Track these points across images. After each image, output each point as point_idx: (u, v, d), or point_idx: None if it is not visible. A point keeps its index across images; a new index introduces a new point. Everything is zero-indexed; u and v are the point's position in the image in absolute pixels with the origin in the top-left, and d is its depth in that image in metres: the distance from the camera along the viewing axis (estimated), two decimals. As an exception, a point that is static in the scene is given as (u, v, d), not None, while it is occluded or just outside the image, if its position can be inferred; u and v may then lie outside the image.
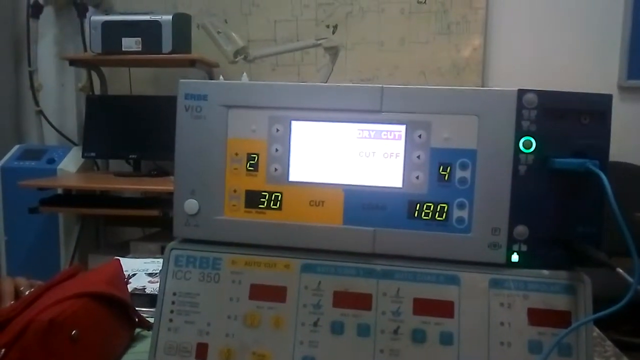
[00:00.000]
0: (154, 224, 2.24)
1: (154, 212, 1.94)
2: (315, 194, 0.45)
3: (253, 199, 0.46)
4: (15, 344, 0.43)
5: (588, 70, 2.19)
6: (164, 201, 1.97)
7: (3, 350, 0.42)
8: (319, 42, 1.98)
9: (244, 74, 2.04)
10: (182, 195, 0.47)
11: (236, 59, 2.00)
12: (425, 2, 2.32)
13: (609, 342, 0.64)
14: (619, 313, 0.39)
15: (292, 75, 2.38)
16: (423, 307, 0.44)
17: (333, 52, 1.99)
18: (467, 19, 2.27)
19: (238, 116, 0.46)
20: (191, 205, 0.46)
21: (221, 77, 2.14)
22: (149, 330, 0.59)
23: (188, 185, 0.47)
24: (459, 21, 2.28)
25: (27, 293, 0.57)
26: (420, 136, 0.44)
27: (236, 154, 0.46)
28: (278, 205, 0.46)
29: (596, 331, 0.67)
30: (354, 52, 2.33)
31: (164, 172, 2.19)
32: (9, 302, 0.56)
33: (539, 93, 0.42)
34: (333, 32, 2.36)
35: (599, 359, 0.59)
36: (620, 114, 2.16)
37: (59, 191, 2.14)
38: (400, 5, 2.32)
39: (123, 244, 2.25)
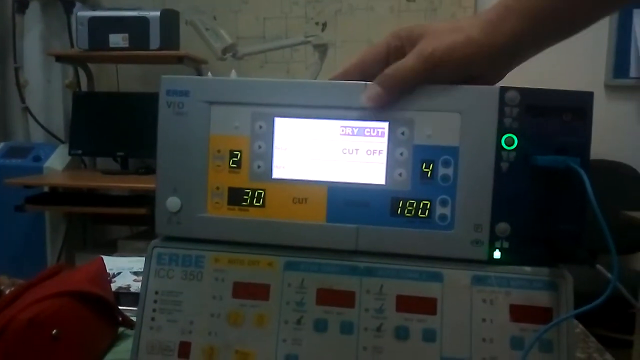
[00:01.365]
0: (141, 222, 2.23)
1: (142, 210, 1.93)
2: (298, 191, 0.45)
3: (236, 196, 0.46)
4: (-6, 343, 0.42)
5: (575, 69, 2.21)
6: (151, 199, 1.95)
7: (-19, 349, 0.42)
8: (308, 39, 1.98)
9: (233, 71, 2.03)
10: (164, 192, 0.46)
11: (225, 56, 1.99)
12: (414, 1, 2.32)
13: (592, 339, 0.65)
14: (604, 309, 0.39)
15: (282, 72, 2.38)
16: (406, 304, 0.44)
17: (322, 49, 1.99)
18: (456, 17, 2.28)
19: (220, 112, 0.46)
20: (173, 202, 0.46)
21: (209, 74, 2.13)
22: (132, 329, 0.58)
23: (170, 183, 0.46)
24: (448, 20, 2.28)
25: (7, 292, 0.56)
26: (403, 133, 0.44)
27: (219, 151, 0.46)
28: (261, 202, 0.46)
29: (580, 327, 0.67)
30: (343, 49, 2.33)
31: (152, 170, 2.17)
32: (-11, 301, 0.55)
33: (521, 90, 0.43)
34: (322, 30, 2.35)
35: (581, 355, 0.60)
36: (607, 112, 2.19)
37: (46, 189, 2.12)
38: (389, 4, 2.33)
39: (110, 243, 2.24)
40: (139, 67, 2.45)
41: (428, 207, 0.44)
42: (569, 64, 2.15)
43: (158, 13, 2.12)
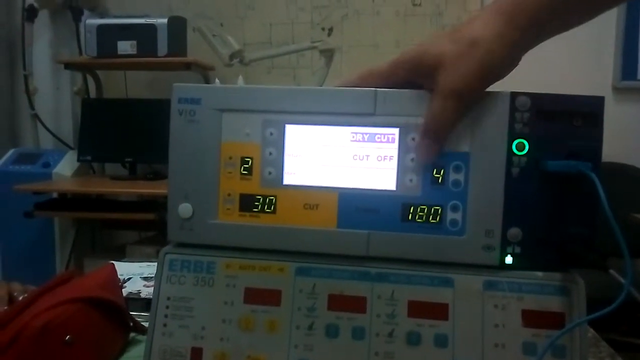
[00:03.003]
0: (150, 227, 2.24)
1: (150, 216, 1.93)
2: (309, 197, 0.45)
3: (247, 203, 0.46)
4: (9, 349, 0.43)
5: (582, 71, 2.20)
6: (160, 204, 1.97)
7: (-4, 356, 0.42)
8: (314, 44, 1.99)
9: (240, 77, 2.04)
10: (176, 199, 0.47)
11: (232, 62, 2.00)
12: (420, 5, 2.33)
13: (603, 343, 0.64)
14: (614, 313, 0.39)
15: (288, 78, 2.38)
16: (417, 309, 0.44)
17: (328, 54, 1.99)
18: (461, 21, 2.27)
19: (232, 120, 0.46)
20: (185, 209, 0.46)
21: (217, 80, 2.14)
22: (143, 335, 0.59)
23: (182, 189, 0.47)
24: (454, 23, 2.29)
25: (20, 298, 0.56)
26: (413, 139, 0.44)
27: (230, 158, 0.46)
28: (272, 208, 0.46)
29: (591, 332, 0.67)
30: (350, 54, 2.34)
31: (160, 175, 2.18)
32: (3, 308, 0.55)
33: (532, 95, 0.43)
34: (328, 35, 2.36)
35: (593, 360, 0.60)
36: (615, 115, 2.18)
37: (55, 195, 2.14)
38: (395, 8, 2.33)
39: (119, 248, 2.25)
40: (147, 74, 2.47)
41: (439, 212, 0.44)
42: (576, 66, 2.15)
43: (165, 20, 2.13)
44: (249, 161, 0.46)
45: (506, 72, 0.43)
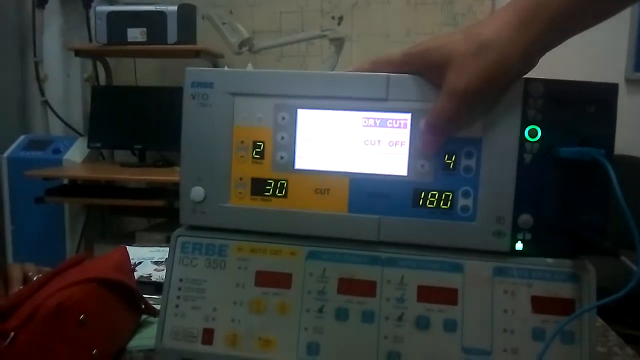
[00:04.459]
0: (159, 214, 2.25)
1: (159, 203, 1.95)
2: (320, 181, 0.46)
3: (259, 187, 0.47)
4: (24, 328, 0.44)
5: (595, 62, 2.17)
6: (169, 191, 1.98)
7: (12, 333, 0.43)
8: (324, 33, 1.97)
9: (249, 65, 2.04)
10: (188, 182, 0.47)
11: (241, 50, 2.00)
12: (431, -7, 2.30)
13: (612, 332, 0.64)
14: (624, 305, 0.39)
15: (297, 66, 2.38)
16: (427, 294, 0.44)
17: (338, 43, 1.98)
18: (473, 10, 2.26)
19: (244, 104, 0.46)
20: (197, 192, 0.47)
21: (226, 68, 2.14)
22: (155, 317, 0.60)
23: (194, 173, 0.47)
24: (465, 12, 2.26)
25: (35, 279, 0.57)
26: (425, 124, 0.44)
27: (242, 142, 0.46)
28: (284, 192, 0.46)
29: (600, 321, 0.67)
30: (360, 43, 2.33)
31: (169, 163, 2.20)
32: (18, 288, 0.57)
33: (545, 82, 0.42)
34: (338, 24, 2.35)
35: (602, 349, 0.60)
36: (628, 106, 2.16)
37: (65, 181, 2.16)
38: (405, -4, 2.31)
39: (128, 234, 2.27)
40: (156, 61, 2.47)
41: (450, 198, 0.44)
42: (589, 57, 2.12)
43: (175, 7, 2.13)
44: (260, 145, 0.46)
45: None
